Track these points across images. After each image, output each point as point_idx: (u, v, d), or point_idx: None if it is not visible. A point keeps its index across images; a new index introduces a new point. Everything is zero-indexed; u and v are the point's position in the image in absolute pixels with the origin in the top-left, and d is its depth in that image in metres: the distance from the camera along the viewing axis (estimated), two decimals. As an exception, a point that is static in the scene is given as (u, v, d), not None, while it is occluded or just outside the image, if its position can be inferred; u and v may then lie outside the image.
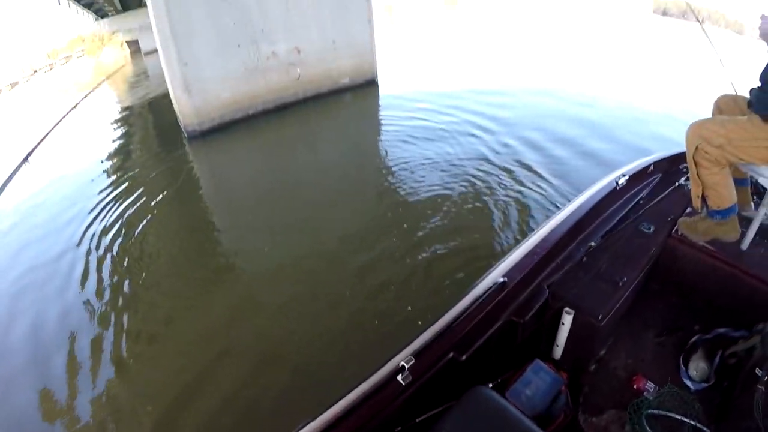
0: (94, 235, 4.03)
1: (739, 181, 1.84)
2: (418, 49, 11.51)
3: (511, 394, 1.37)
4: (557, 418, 1.40)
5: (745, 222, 1.82)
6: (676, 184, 2.10)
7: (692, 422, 1.49)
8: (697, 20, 2.31)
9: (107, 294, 3.24)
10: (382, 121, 6.13)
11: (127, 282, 3.35)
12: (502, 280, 1.39)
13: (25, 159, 6.14)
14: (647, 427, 1.45)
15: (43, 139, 7.08)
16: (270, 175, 5.01)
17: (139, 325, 2.95)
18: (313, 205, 4.10)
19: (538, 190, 4.09)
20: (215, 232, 4.12)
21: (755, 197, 1.94)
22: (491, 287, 1.36)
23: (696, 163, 1.65)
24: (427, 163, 4.71)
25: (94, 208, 4.55)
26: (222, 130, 6.38)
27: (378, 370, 1.17)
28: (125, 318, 3.00)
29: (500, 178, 4.36)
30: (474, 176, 4.41)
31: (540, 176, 4.33)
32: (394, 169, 4.64)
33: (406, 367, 1.14)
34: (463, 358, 1.28)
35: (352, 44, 7.19)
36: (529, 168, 4.51)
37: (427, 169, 4.56)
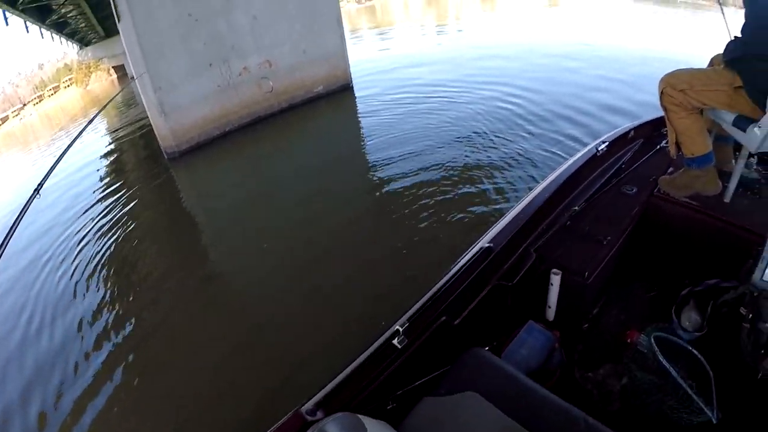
0: (86, 260, 4.20)
1: (722, 139, 1.93)
2: (391, 52, 11.51)
3: (506, 354, 1.41)
4: (554, 373, 1.45)
5: (727, 177, 1.87)
6: (658, 147, 2.14)
7: (695, 351, 1.53)
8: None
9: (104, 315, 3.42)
10: (361, 123, 6.20)
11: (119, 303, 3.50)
12: (487, 245, 1.43)
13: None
14: (655, 346, 1.50)
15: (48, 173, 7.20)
16: (252, 188, 5.04)
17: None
18: (298, 211, 4.15)
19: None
20: (202, 248, 4.20)
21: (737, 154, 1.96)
22: (477, 253, 1.39)
23: (665, 109, 1.78)
24: (410, 155, 4.77)
25: (83, 234, 4.74)
26: (201, 149, 6.45)
27: (376, 338, 1.18)
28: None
29: (482, 158, 4.49)
30: (459, 162, 4.51)
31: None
32: (375, 165, 4.71)
33: (401, 330, 1.15)
34: (456, 322, 1.31)
35: (324, 52, 7.25)
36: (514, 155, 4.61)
37: (412, 162, 4.62)
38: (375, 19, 21.25)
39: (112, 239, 4.53)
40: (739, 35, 1.55)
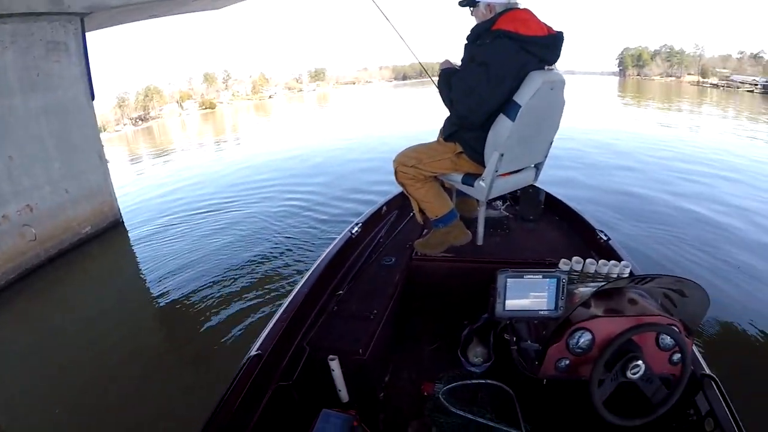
0: None
1: (464, 193, 2.17)
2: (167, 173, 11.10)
3: None
4: None
5: (476, 222, 2.14)
6: (411, 214, 2.26)
7: (483, 381, 1.68)
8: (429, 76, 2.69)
9: None
10: (138, 259, 5.62)
11: None
12: (255, 353, 1.38)
13: None
14: (444, 402, 1.57)
15: None
16: (30, 359, 4.00)
17: None
18: (83, 377, 3.40)
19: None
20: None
21: None
22: (244, 364, 1.34)
23: (402, 184, 2.01)
24: (200, 273, 4.58)
25: None
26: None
27: None
28: None
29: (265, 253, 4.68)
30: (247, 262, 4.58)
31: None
32: (163, 298, 4.31)
33: None
34: None
35: (88, 190, 6.50)
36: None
37: (202, 280, 4.43)
38: (153, 141, 20.46)
39: None
40: (449, 114, 1.89)
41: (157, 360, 3.42)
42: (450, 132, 1.89)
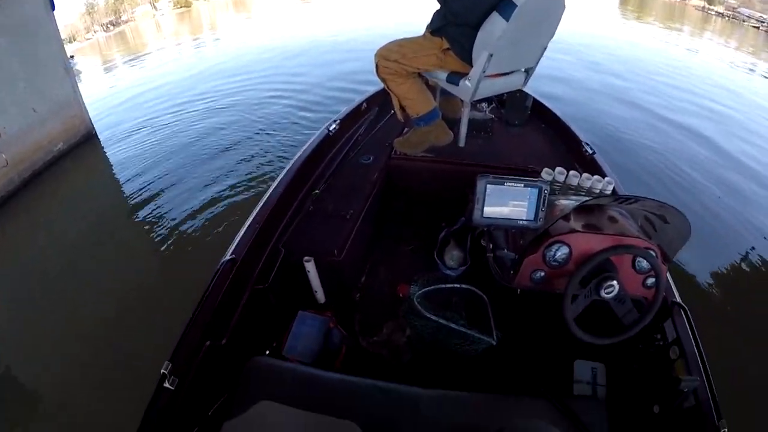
0: None
1: (449, 92, 2.06)
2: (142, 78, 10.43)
3: (287, 351, 1.38)
4: (339, 352, 1.47)
5: (459, 124, 2.05)
6: (392, 112, 2.16)
7: (457, 285, 1.71)
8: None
9: None
10: (114, 170, 5.46)
11: None
12: (229, 257, 1.37)
13: None
14: (418, 306, 1.62)
15: None
16: (14, 285, 4.02)
17: None
18: (70, 289, 3.47)
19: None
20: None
21: None
22: (218, 269, 1.32)
23: (384, 79, 1.89)
24: (178, 177, 4.52)
25: None
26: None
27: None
28: None
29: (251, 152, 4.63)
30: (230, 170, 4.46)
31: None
32: (141, 207, 4.28)
33: (167, 373, 1.04)
34: (224, 341, 1.23)
35: (56, 104, 6.11)
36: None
37: (180, 184, 4.37)
38: (127, 45, 19.12)
39: None
40: (439, 8, 1.74)
41: (137, 270, 3.46)
42: (438, 25, 1.75)
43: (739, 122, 6.33)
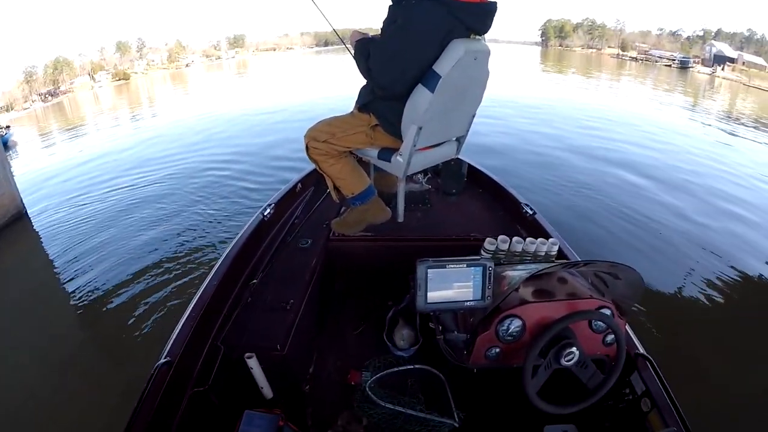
0: None
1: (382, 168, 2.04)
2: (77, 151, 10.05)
3: None
4: None
5: (396, 198, 2.01)
6: (327, 191, 2.09)
7: (411, 366, 1.62)
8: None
9: None
10: (47, 251, 5.01)
11: None
12: (164, 360, 1.24)
13: None
14: (372, 395, 1.51)
15: None
16: None
17: None
18: None
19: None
20: None
21: None
22: (153, 374, 1.19)
23: (315, 161, 1.83)
24: (114, 261, 4.25)
25: None
26: None
27: None
28: None
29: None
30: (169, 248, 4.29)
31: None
32: (74, 295, 3.93)
33: None
34: None
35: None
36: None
37: (115, 269, 4.10)
38: (65, 117, 18.64)
39: None
40: (365, 83, 1.73)
41: (69, 367, 3.09)
42: (366, 101, 1.74)
43: (674, 154, 6.83)
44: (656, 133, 8.22)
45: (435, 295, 1.16)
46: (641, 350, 1.29)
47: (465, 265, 1.15)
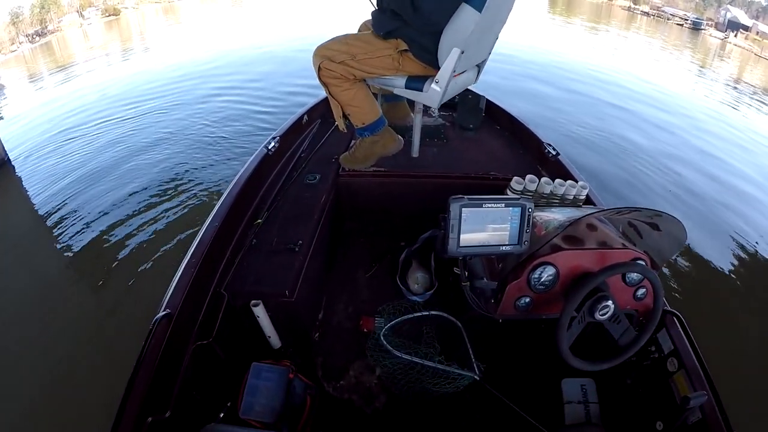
0: None
1: (393, 98, 1.88)
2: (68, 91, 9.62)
3: (244, 411, 1.17)
4: (304, 404, 1.27)
5: (410, 132, 1.86)
6: (336, 124, 1.96)
7: (427, 313, 1.55)
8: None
9: None
10: (30, 194, 4.82)
11: None
12: (163, 313, 1.14)
13: None
14: (386, 344, 1.44)
15: None
16: None
17: None
18: None
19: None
20: None
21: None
22: (152, 328, 1.10)
23: (326, 84, 1.61)
24: (105, 203, 4.08)
25: None
26: None
27: None
28: None
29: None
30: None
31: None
32: (62, 242, 3.76)
33: None
34: (167, 414, 1.01)
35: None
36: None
37: (110, 214, 3.92)
38: (54, 57, 17.91)
39: None
40: (382, 6, 1.49)
41: (63, 320, 2.96)
42: (390, 28, 1.49)
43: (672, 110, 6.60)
44: (663, 91, 7.91)
45: (468, 238, 1.04)
46: (667, 307, 1.20)
47: (503, 205, 1.03)
